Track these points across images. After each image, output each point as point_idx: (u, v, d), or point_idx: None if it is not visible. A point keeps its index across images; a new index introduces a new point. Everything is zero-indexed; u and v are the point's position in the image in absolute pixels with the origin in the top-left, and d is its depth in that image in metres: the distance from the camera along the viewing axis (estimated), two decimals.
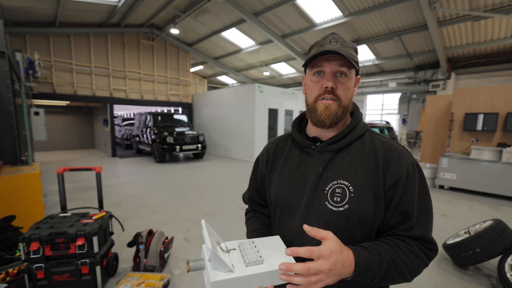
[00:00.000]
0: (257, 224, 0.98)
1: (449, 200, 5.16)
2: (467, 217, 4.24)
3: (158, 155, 8.96)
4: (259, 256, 0.68)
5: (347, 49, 0.77)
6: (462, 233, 3.03)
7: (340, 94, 0.78)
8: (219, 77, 17.17)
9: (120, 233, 3.31)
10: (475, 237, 2.61)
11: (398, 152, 0.78)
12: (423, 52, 9.57)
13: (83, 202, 4.71)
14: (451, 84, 9.64)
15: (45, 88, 9.15)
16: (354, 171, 0.78)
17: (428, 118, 7.69)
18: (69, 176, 6.73)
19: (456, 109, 6.57)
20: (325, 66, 0.77)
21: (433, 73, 10.12)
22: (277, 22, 9.40)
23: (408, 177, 0.75)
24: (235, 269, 0.65)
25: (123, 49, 10.77)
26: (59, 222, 2.28)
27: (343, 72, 0.77)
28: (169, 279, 2.44)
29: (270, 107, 9.84)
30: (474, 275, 2.66)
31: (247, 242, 0.74)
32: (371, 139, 0.82)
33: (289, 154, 0.92)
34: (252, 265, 0.67)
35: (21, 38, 8.59)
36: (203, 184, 6.08)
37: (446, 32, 8.22)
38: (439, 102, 7.44)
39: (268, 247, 0.74)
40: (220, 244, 0.71)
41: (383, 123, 6.50)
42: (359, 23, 8.62)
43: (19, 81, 5.25)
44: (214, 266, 0.64)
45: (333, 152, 0.82)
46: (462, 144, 6.55)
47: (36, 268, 2.04)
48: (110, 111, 10.53)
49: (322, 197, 0.78)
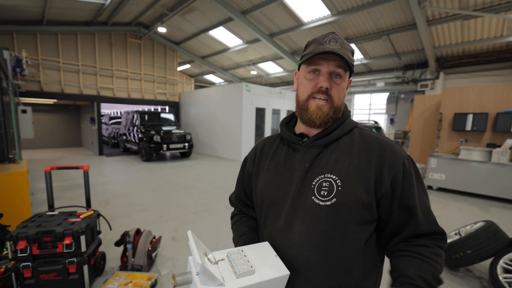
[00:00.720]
0: (244, 228, 0.96)
1: (438, 201, 5.15)
2: (456, 218, 4.23)
3: (145, 154, 8.95)
4: (250, 266, 0.66)
5: (346, 51, 0.77)
6: (453, 234, 2.98)
7: (333, 95, 0.77)
8: (206, 76, 17.14)
9: (107, 232, 3.36)
10: (466, 239, 2.56)
11: (392, 147, 0.77)
12: (411, 52, 9.60)
13: (70, 200, 4.71)
14: (439, 84, 9.63)
15: (32, 86, 9.02)
16: (342, 165, 0.76)
17: (416, 118, 7.64)
18: (56, 174, 6.68)
19: (445, 109, 6.50)
20: (322, 65, 0.77)
21: (422, 72, 10.14)
22: (265, 21, 9.45)
23: (405, 171, 0.74)
24: (226, 282, 0.61)
25: (110, 48, 10.67)
26: (47, 220, 2.32)
27: (339, 73, 0.77)
28: (157, 279, 2.47)
29: (257, 106, 9.94)
30: (465, 277, 2.64)
31: (236, 252, 0.72)
32: (361, 135, 0.81)
33: (276, 151, 0.91)
34: (243, 276, 0.64)
35: (8, 36, 8.47)
36: (190, 183, 6.15)
37: (435, 31, 8.20)
38: (427, 102, 7.40)
39: (258, 256, 0.72)
40: (207, 255, 0.68)
41: (372, 123, 6.45)
42: (347, 22, 8.66)
43: (7, 79, 5.20)
44: (203, 280, 0.60)
45: (321, 147, 0.81)
46: (451, 144, 6.50)
47: (23, 267, 2.07)
48: (97, 110, 10.42)
49: (309, 192, 0.76)
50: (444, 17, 7.54)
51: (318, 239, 0.74)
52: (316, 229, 0.74)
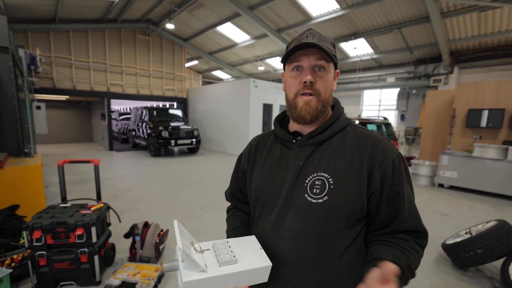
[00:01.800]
0: (236, 223, 0.97)
1: (449, 199, 5.07)
2: (467, 217, 4.16)
3: (153, 149, 9.12)
4: (232, 256, 0.69)
5: (325, 43, 0.77)
6: (463, 233, 2.92)
7: (319, 88, 0.77)
8: (214, 72, 17.19)
9: (117, 224, 3.47)
10: (477, 238, 2.49)
11: (383, 145, 0.77)
12: (424, 45, 9.25)
13: (82, 193, 4.87)
14: (453, 79, 9.23)
15: (46, 83, 9.31)
16: (335, 164, 0.77)
17: (428, 114, 7.44)
18: (69, 168, 6.89)
19: (458, 104, 6.29)
20: (303, 61, 0.77)
21: (435, 67, 9.76)
22: (273, 16, 9.37)
23: (394, 168, 0.75)
24: (208, 269, 0.64)
25: (120, 45, 10.85)
26: (60, 212, 2.42)
27: (322, 66, 0.77)
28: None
29: (264, 102, 9.95)
30: (475, 277, 2.59)
31: (221, 243, 0.75)
32: (353, 132, 0.82)
33: (271, 149, 0.91)
34: (226, 265, 0.67)
35: (23, 34, 8.76)
36: (197, 178, 6.25)
37: (449, 24, 7.83)
38: (440, 98, 7.19)
39: (242, 247, 0.74)
40: (194, 245, 0.71)
41: (381, 119, 6.26)
42: (357, 16, 8.45)
43: (22, 76, 5.37)
44: (187, 267, 0.63)
45: (314, 146, 0.81)
46: (464, 141, 6.30)
47: (39, 256, 2.18)
48: (107, 106, 10.64)
49: (302, 189, 0.77)
50: (460, 9, 7.19)
51: (309, 236, 0.75)
52: (308, 226, 0.75)
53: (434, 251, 3.11)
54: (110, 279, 2.33)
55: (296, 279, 0.77)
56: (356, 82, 12.06)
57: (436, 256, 3.00)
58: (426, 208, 4.56)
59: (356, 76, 11.72)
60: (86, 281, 2.34)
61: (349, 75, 12.16)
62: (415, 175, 6.36)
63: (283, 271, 0.77)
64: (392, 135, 5.94)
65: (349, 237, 0.77)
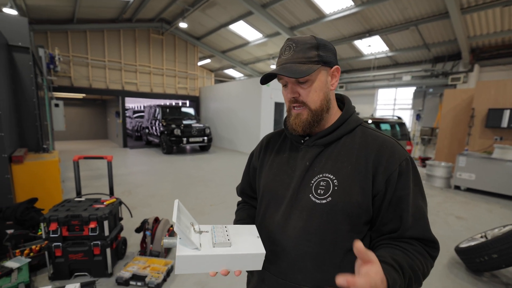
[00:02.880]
0: (243, 215, 1.01)
1: (465, 202, 4.93)
2: (484, 221, 4.03)
3: (166, 147, 9.29)
4: (227, 239, 0.71)
5: (301, 53, 0.75)
6: (478, 237, 2.83)
7: (305, 99, 0.78)
8: (226, 71, 17.29)
9: (128, 219, 3.57)
10: (492, 242, 2.40)
11: (391, 147, 0.76)
12: (442, 43, 8.95)
13: (96, 189, 5.03)
14: (473, 77, 8.87)
15: (64, 81, 9.68)
16: (341, 165, 0.77)
17: (445, 114, 7.24)
18: (84, 164, 7.12)
19: (478, 104, 6.08)
20: (283, 79, 0.80)
21: (454, 65, 9.42)
22: (286, 14, 9.32)
23: (401, 172, 0.73)
24: (202, 248, 0.67)
25: (134, 44, 11.10)
26: (75, 206, 2.52)
27: (302, 80, 0.76)
28: (173, 265, 2.60)
29: (276, 101, 9.92)
30: (490, 282, 2.51)
31: (220, 227, 0.78)
32: (363, 134, 0.81)
33: (280, 148, 0.93)
34: (219, 247, 0.69)
35: (43, 34, 9.13)
36: (208, 176, 6.33)
37: (470, 20, 7.54)
38: (458, 97, 6.98)
39: (240, 234, 0.76)
40: (194, 226, 0.74)
41: (395, 118, 6.11)
42: (372, 13, 8.27)
43: (42, 75, 5.59)
44: (183, 243, 0.67)
45: (322, 146, 0.82)
46: (483, 142, 6.10)
47: (55, 247, 2.28)
48: (122, 104, 10.92)
49: (307, 190, 0.78)
50: (481, 4, 6.90)
51: (312, 235, 0.76)
52: (311, 225, 0.76)
53: (446, 254, 3.04)
54: (121, 271, 2.41)
55: (298, 276, 0.78)
56: (370, 81, 11.82)
57: (449, 259, 2.93)
58: (440, 211, 4.45)
59: (370, 75, 11.50)
60: (99, 273, 2.43)
61: (363, 73, 11.94)
62: (430, 177, 6.22)
63: (287, 268, 0.79)
64: (406, 135, 5.80)
65: (353, 238, 0.74)
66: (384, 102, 13.06)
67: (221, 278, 2.50)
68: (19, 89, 3.60)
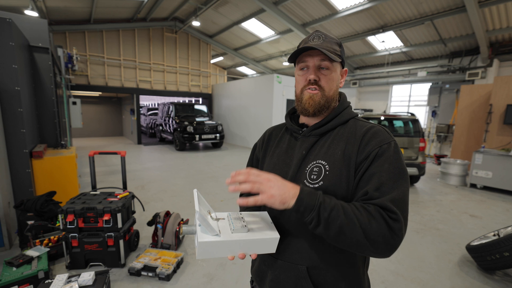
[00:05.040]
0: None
1: (481, 200, 4.84)
2: (500, 219, 3.96)
3: (179, 144, 9.45)
4: (244, 225, 0.75)
5: (329, 44, 0.84)
6: (491, 235, 2.80)
7: (323, 85, 0.85)
8: (239, 68, 17.32)
9: (141, 213, 3.70)
10: (504, 240, 2.36)
11: (376, 132, 0.80)
12: (459, 37, 8.64)
13: (112, 183, 5.22)
14: (492, 72, 8.49)
15: (81, 80, 10.01)
16: (333, 152, 0.82)
17: (462, 110, 7.08)
18: (100, 160, 7.36)
19: (496, 100, 5.95)
20: (308, 61, 0.85)
21: (471, 60, 9.05)
22: (297, 11, 9.24)
23: (380, 154, 0.76)
24: (221, 234, 0.71)
25: (149, 42, 11.32)
26: (90, 199, 2.64)
27: (325, 66, 0.83)
28: (183, 257, 2.70)
29: (288, 98, 9.90)
30: (502, 281, 2.47)
31: (235, 214, 0.82)
32: (354, 124, 0.87)
33: (281, 140, 1.00)
34: (237, 232, 0.73)
35: (62, 35, 9.48)
36: (220, 172, 6.42)
37: (488, 13, 7.23)
38: (476, 92, 6.81)
39: (254, 220, 0.82)
40: (211, 213, 0.79)
41: (408, 115, 5.98)
42: (385, 8, 8.10)
43: (60, 74, 5.82)
44: (203, 230, 0.71)
45: (317, 136, 0.88)
46: (501, 139, 5.96)
47: (72, 237, 2.41)
48: (137, 101, 11.18)
49: (302, 176, 0.84)
50: None
51: None
52: None
53: (458, 252, 3.01)
54: (134, 262, 2.50)
55: (296, 256, 0.84)
56: (384, 77, 11.57)
57: (460, 257, 2.90)
58: (454, 209, 4.37)
59: (384, 71, 11.26)
60: (112, 263, 2.53)
61: (376, 69, 11.70)
62: (445, 174, 6.09)
63: (285, 248, 0.86)
64: (420, 132, 5.66)
65: None
66: (398, 98, 12.78)
67: (228, 270, 2.57)
68: (39, 87, 3.78)
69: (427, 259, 2.85)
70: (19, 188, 3.09)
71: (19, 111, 2.99)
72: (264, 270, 0.93)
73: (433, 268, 2.70)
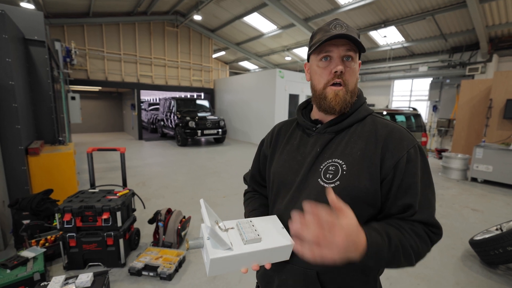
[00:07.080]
0: (255, 204, 1.01)
1: (482, 194, 4.86)
2: (501, 213, 3.95)
3: (180, 139, 9.36)
4: (257, 234, 0.70)
5: (353, 33, 0.77)
6: (493, 229, 2.81)
7: (347, 78, 0.79)
8: (241, 63, 17.18)
9: (142, 210, 3.60)
10: (507, 234, 2.36)
11: (400, 134, 0.77)
12: (460, 32, 8.70)
13: (112, 180, 5.12)
14: (492, 67, 8.63)
15: (80, 74, 9.87)
16: (350, 151, 0.78)
17: (462, 105, 7.16)
18: (100, 156, 7.28)
19: (496, 94, 6.03)
20: (332, 51, 0.77)
21: (471, 55, 9.17)
22: (300, 5, 9.14)
23: (409, 159, 0.73)
24: (234, 247, 0.66)
25: (150, 37, 11.16)
26: (88, 197, 2.55)
27: (350, 56, 0.78)
28: (185, 256, 2.63)
29: (290, 93, 9.80)
30: (505, 276, 2.47)
31: (245, 222, 0.76)
32: (373, 122, 0.82)
33: (291, 136, 0.95)
34: (250, 243, 0.68)
35: (60, 28, 9.30)
36: (222, 168, 6.34)
37: (488, 9, 7.28)
38: (476, 87, 6.88)
39: (265, 226, 0.76)
40: (218, 223, 0.73)
41: (410, 110, 6.04)
42: (387, 3, 8.07)
43: (58, 68, 5.69)
44: (213, 244, 0.65)
45: (333, 133, 0.83)
46: (501, 133, 6.04)
47: (69, 237, 2.33)
48: (137, 96, 11.06)
49: (316, 174, 0.80)
50: None
51: None
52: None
53: (461, 247, 2.99)
54: (134, 261, 2.42)
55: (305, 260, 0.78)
56: (386, 72, 11.59)
57: (463, 252, 2.89)
58: (456, 203, 4.35)
59: (386, 66, 11.24)
60: (112, 263, 2.45)
61: (378, 64, 11.67)
62: (446, 168, 6.14)
63: (293, 252, 0.79)
64: (422, 126, 5.69)
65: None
66: (400, 93, 12.81)
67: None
68: (35, 82, 3.66)
69: (431, 254, 2.81)
70: (14, 186, 2.99)
71: (14, 106, 2.88)
72: (271, 274, 0.87)
73: (436, 263, 2.69)
